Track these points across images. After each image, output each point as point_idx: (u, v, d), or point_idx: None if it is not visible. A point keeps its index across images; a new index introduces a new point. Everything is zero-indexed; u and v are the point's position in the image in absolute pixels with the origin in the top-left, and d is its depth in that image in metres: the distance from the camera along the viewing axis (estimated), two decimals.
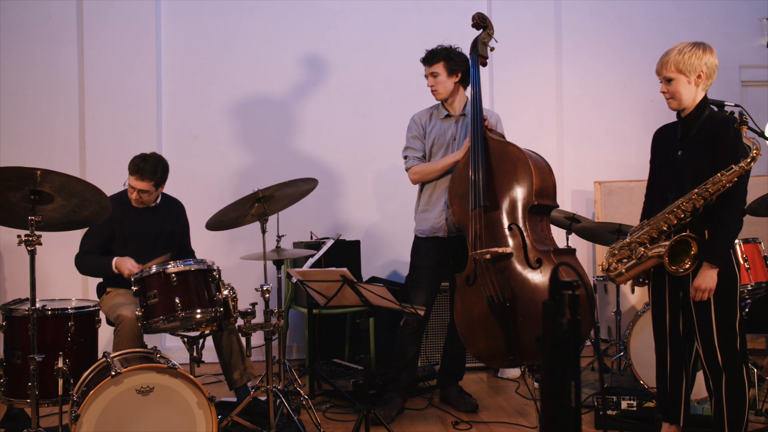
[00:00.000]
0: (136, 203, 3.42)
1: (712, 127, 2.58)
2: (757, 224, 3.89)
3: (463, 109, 3.48)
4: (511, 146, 3.23)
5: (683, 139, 2.65)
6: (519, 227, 3.11)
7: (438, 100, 3.49)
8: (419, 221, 3.51)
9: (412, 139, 3.50)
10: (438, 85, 3.42)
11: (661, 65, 2.62)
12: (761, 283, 3.41)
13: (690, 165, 2.58)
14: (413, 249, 3.56)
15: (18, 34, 4.66)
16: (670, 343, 2.70)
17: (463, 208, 3.25)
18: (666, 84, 2.62)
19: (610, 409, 3.12)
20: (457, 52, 3.44)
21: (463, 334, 3.23)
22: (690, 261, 2.51)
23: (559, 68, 5.21)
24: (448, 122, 3.46)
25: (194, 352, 3.09)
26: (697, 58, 2.56)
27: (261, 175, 4.68)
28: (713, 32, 5.28)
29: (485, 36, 3.45)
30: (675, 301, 2.68)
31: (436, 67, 3.40)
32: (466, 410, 3.46)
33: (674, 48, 2.61)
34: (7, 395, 2.84)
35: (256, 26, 4.98)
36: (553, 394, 1.41)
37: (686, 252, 2.52)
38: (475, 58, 3.41)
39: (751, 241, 3.46)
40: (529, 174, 3.13)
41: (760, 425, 3.09)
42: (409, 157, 3.49)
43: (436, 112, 3.51)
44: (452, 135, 3.44)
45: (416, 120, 3.53)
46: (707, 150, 2.56)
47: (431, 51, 3.45)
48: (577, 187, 5.21)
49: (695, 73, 2.57)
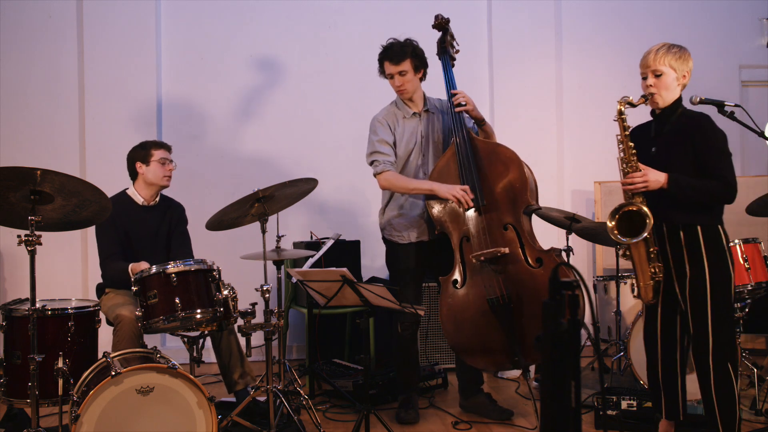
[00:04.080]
0: (169, 180, 3.49)
1: (686, 123, 2.63)
2: (757, 224, 3.89)
3: (424, 105, 3.39)
4: (502, 147, 3.22)
5: (656, 136, 2.70)
6: (515, 227, 3.11)
7: (404, 99, 3.37)
8: (396, 226, 3.37)
9: (380, 143, 3.29)
10: (407, 83, 3.27)
11: (653, 59, 2.62)
12: (761, 283, 3.41)
13: (663, 161, 2.61)
14: (391, 255, 3.43)
15: (18, 34, 4.66)
16: (661, 340, 2.73)
17: (448, 211, 3.21)
18: (654, 78, 2.62)
19: (610, 409, 3.12)
20: (419, 48, 3.31)
21: (451, 339, 3.19)
22: (649, 219, 2.52)
23: (559, 68, 5.21)
24: (414, 120, 3.37)
25: (194, 352, 3.09)
26: (686, 59, 2.64)
27: (261, 175, 4.67)
28: (713, 32, 5.29)
29: (450, 37, 3.40)
30: (668, 299, 2.69)
31: (404, 64, 3.23)
32: (501, 419, 3.27)
33: (661, 45, 2.64)
34: (7, 395, 2.84)
35: (256, 26, 4.98)
36: (553, 394, 1.41)
37: (642, 223, 2.54)
38: (446, 59, 3.36)
39: (751, 241, 3.46)
40: (523, 174, 3.14)
41: (760, 425, 3.09)
42: (379, 161, 3.27)
43: (400, 112, 3.37)
44: (421, 133, 3.36)
45: (382, 121, 3.34)
46: (681, 144, 2.60)
47: (398, 48, 3.23)
48: (577, 187, 5.21)
49: (682, 72, 2.63)
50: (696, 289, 2.59)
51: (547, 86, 5.19)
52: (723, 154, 2.58)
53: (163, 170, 3.44)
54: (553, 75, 5.20)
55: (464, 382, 3.45)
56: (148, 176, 3.44)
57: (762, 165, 5.37)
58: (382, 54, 3.30)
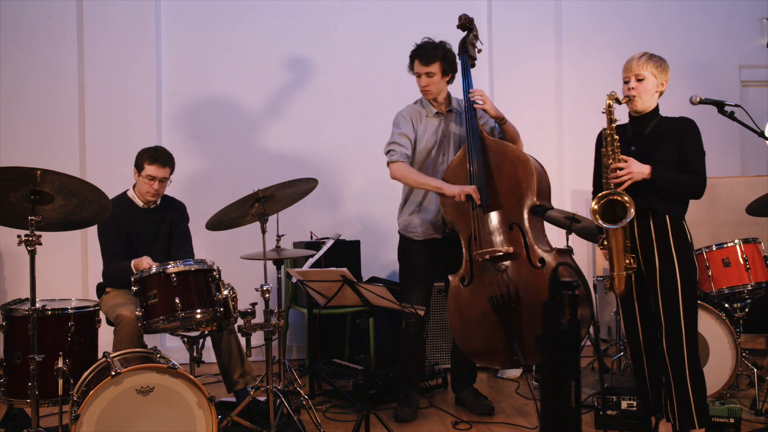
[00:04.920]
0: (155, 196, 3.43)
1: (671, 125, 2.79)
2: (757, 224, 3.89)
3: (448, 105, 3.42)
4: (510, 146, 3.25)
5: (636, 136, 2.84)
6: (520, 227, 3.12)
7: (427, 99, 3.39)
8: (411, 223, 3.42)
9: (400, 136, 3.34)
10: (432, 85, 3.31)
11: (636, 64, 2.79)
12: (761, 283, 3.41)
13: (645, 159, 2.73)
14: (402, 250, 3.48)
15: (18, 34, 4.66)
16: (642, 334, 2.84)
17: (458, 208, 3.22)
18: (636, 82, 2.78)
19: (610, 409, 3.12)
20: (452, 51, 3.34)
21: (458, 336, 3.22)
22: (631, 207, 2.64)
23: (559, 68, 5.21)
24: (437, 119, 3.40)
25: (194, 352, 3.09)
26: (665, 69, 2.82)
27: (261, 175, 4.67)
28: (713, 32, 5.29)
29: (473, 38, 3.42)
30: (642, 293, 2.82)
31: (433, 66, 3.27)
32: (481, 413, 3.36)
33: (643, 53, 2.82)
34: (7, 395, 2.84)
35: (256, 26, 4.98)
36: (553, 394, 1.41)
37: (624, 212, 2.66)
38: (466, 59, 3.38)
39: (751, 241, 3.46)
40: (531, 174, 3.15)
41: (760, 425, 3.09)
42: (396, 151, 3.31)
43: (424, 110, 3.41)
44: (442, 132, 3.39)
45: (406, 116, 3.38)
46: (665, 144, 2.75)
47: (430, 49, 3.27)
48: (577, 187, 5.20)
49: (661, 81, 2.80)
50: (666, 287, 2.72)
51: (547, 86, 5.19)
52: (701, 152, 2.78)
53: (147, 186, 3.41)
54: (553, 75, 5.20)
55: (455, 378, 3.58)
56: (138, 186, 3.46)
57: (762, 165, 5.37)
58: (414, 52, 3.32)
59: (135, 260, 3.23)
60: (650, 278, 2.78)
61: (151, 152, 3.41)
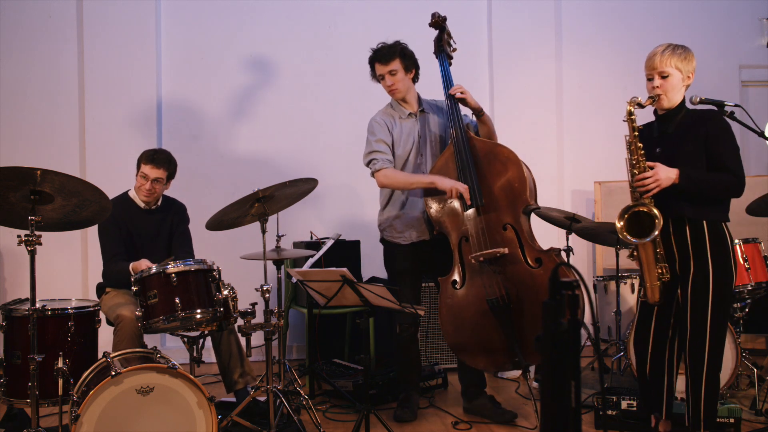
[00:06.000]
0: (148, 195, 3.43)
1: (695, 119, 2.63)
2: (757, 224, 3.89)
3: (418, 105, 3.40)
4: (500, 146, 3.22)
5: (660, 136, 2.70)
6: (515, 228, 3.11)
7: (396, 99, 3.37)
8: (395, 227, 3.36)
9: (377, 143, 3.29)
10: (398, 82, 3.29)
11: (659, 61, 2.61)
12: (761, 283, 3.41)
13: (670, 160, 2.60)
14: (389, 256, 3.42)
15: (18, 34, 4.66)
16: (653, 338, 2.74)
17: (446, 210, 3.20)
18: (661, 80, 2.62)
19: (610, 409, 3.12)
20: (408, 49, 3.33)
21: (451, 341, 3.18)
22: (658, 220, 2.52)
23: (559, 68, 5.21)
24: (410, 120, 3.37)
25: (194, 352, 3.09)
26: (690, 59, 2.63)
27: (261, 175, 4.67)
28: (713, 32, 5.29)
29: (447, 36, 3.41)
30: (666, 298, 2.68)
31: (393, 64, 3.25)
32: (504, 421, 3.24)
33: (666, 46, 2.63)
34: (7, 395, 2.84)
35: (256, 26, 4.98)
36: (553, 394, 1.41)
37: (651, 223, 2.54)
38: (444, 57, 3.37)
39: (751, 241, 3.46)
40: (522, 174, 3.14)
41: (760, 425, 3.09)
42: (378, 159, 3.27)
43: (396, 112, 3.38)
44: (418, 132, 3.36)
45: (380, 122, 3.34)
46: (690, 141, 2.59)
47: (386, 49, 3.27)
48: (577, 187, 5.21)
49: (687, 73, 2.63)
50: (697, 290, 2.60)
51: (547, 86, 5.18)
52: (734, 147, 2.59)
53: (140, 185, 3.42)
54: (553, 75, 5.19)
55: (467, 384, 3.43)
56: (135, 185, 3.46)
57: (762, 165, 5.37)
58: (372, 57, 3.33)
59: (134, 263, 3.23)
60: (684, 286, 2.64)
61: (149, 152, 3.43)
